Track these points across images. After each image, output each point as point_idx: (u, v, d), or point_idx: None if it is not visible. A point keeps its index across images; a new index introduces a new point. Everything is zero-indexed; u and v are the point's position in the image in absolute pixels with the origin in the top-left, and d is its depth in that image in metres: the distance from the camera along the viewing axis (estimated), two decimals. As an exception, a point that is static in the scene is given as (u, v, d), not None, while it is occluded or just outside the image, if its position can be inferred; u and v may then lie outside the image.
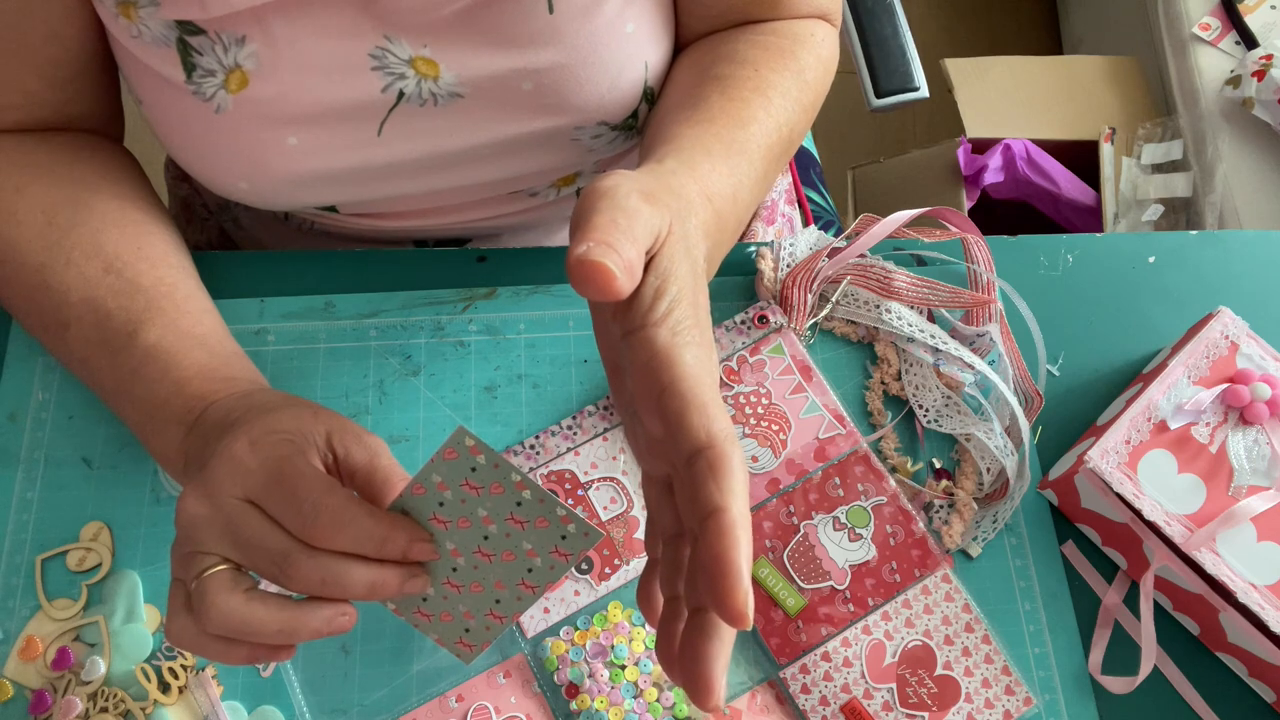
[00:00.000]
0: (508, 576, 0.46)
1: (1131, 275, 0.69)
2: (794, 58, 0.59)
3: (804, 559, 0.59)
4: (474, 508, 0.44)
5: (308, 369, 0.63)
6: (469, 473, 0.43)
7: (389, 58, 0.56)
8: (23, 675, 0.55)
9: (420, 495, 0.44)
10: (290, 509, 0.43)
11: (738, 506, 0.36)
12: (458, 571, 0.46)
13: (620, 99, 0.60)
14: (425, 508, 0.45)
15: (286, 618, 0.43)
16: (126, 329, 0.53)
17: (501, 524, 0.44)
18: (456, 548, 0.46)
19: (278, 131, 0.57)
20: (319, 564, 0.43)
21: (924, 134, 1.84)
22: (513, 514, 0.44)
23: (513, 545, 0.45)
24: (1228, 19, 1.39)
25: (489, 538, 0.45)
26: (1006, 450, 0.60)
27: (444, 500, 0.44)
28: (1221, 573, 0.55)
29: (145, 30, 0.54)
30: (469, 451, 0.43)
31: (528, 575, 0.46)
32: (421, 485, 0.44)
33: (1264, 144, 1.32)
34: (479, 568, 0.46)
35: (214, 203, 0.80)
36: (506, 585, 0.46)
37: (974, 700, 0.56)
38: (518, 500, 0.43)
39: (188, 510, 0.44)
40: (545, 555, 0.45)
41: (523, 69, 0.57)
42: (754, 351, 0.63)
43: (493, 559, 0.46)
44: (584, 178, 0.69)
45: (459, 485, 0.43)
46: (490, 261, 0.67)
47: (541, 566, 0.45)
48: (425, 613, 0.49)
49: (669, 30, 0.62)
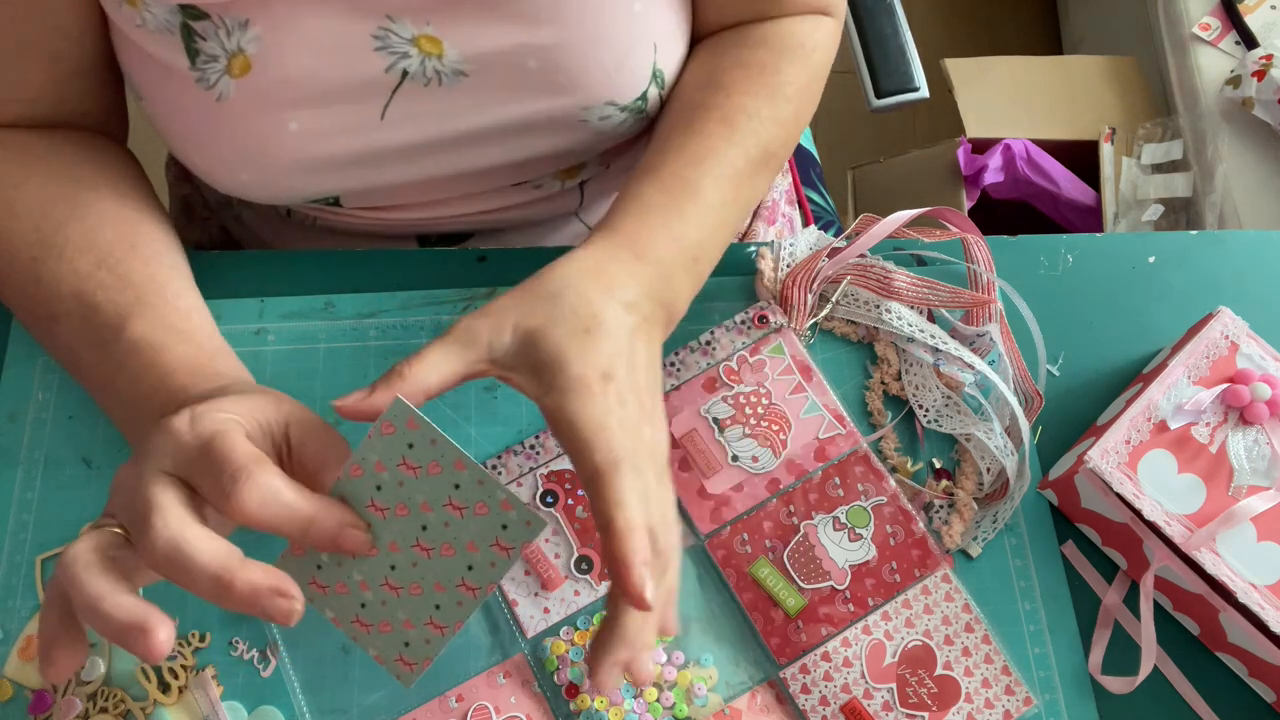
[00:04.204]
0: (447, 576, 0.45)
1: (1131, 275, 0.69)
2: (775, 73, 0.61)
3: (804, 559, 0.59)
4: (411, 492, 0.42)
5: (308, 369, 0.63)
6: (406, 449, 0.42)
7: (392, 37, 0.56)
8: (23, 675, 0.55)
9: (357, 478, 0.42)
10: (210, 479, 0.41)
11: (623, 515, 0.43)
12: (396, 570, 0.45)
13: (628, 79, 0.60)
14: (362, 493, 0.43)
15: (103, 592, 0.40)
16: (114, 322, 0.53)
17: (440, 511, 0.43)
18: (395, 541, 0.44)
19: (279, 116, 0.57)
20: (171, 534, 0.40)
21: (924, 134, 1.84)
22: (451, 499, 0.43)
23: (451, 537, 0.43)
24: (1228, 19, 1.39)
25: (427, 528, 0.43)
26: (1006, 450, 0.60)
27: (381, 484, 0.42)
28: (1221, 573, 0.55)
29: (149, 17, 0.54)
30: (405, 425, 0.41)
31: (468, 574, 0.44)
32: (359, 466, 0.42)
33: (1264, 144, 1.32)
34: (418, 564, 0.44)
35: (215, 201, 0.80)
36: (446, 587, 0.45)
37: (974, 700, 0.56)
38: (455, 482, 0.42)
39: (115, 478, 0.45)
40: (485, 549, 0.43)
41: (527, 45, 0.57)
42: (754, 351, 0.63)
43: (431, 554, 0.44)
44: (588, 169, 0.69)
45: (395, 465, 0.42)
46: (490, 261, 0.67)
47: (481, 563, 0.44)
48: (364, 622, 0.47)
49: (682, 17, 0.63)
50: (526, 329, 0.47)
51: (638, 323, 0.50)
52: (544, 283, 0.49)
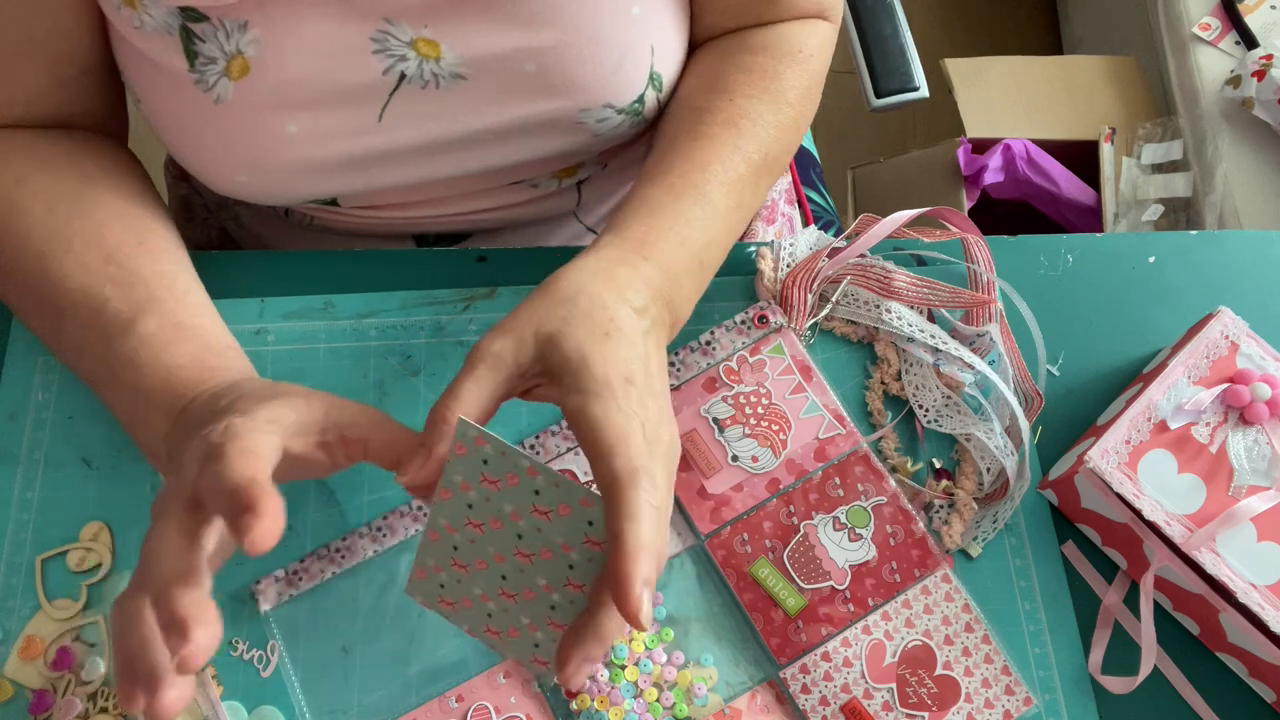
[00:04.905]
0: (553, 577, 0.45)
1: (1131, 275, 0.69)
2: (776, 78, 0.61)
3: (804, 559, 0.59)
4: (499, 504, 0.43)
5: (308, 369, 0.63)
6: (482, 465, 0.42)
7: (390, 40, 0.56)
8: (23, 675, 0.55)
9: (448, 500, 0.44)
10: None
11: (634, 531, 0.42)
12: (507, 579, 0.46)
13: (625, 81, 0.60)
14: (458, 513, 0.44)
15: None
16: (124, 317, 0.53)
17: (528, 518, 0.44)
18: (499, 552, 0.45)
19: (277, 119, 0.57)
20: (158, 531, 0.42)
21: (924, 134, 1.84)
22: (534, 505, 0.43)
23: (546, 541, 0.44)
24: (1228, 19, 1.39)
25: (522, 536, 0.44)
26: (1006, 450, 0.60)
27: (471, 502, 0.43)
28: (1221, 573, 0.55)
29: (148, 19, 0.54)
30: (474, 443, 0.42)
31: (570, 573, 0.45)
32: (447, 490, 0.43)
33: (1264, 144, 1.32)
34: (524, 571, 0.45)
35: (214, 201, 0.80)
36: (555, 588, 0.46)
37: (974, 700, 0.56)
38: (534, 489, 0.43)
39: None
40: (579, 547, 0.44)
41: (525, 48, 0.57)
42: (754, 351, 0.63)
43: (533, 559, 0.45)
44: (586, 168, 0.69)
45: (478, 482, 0.43)
46: (490, 261, 0.67)
47: (580, 560, 0.45)
48: (494, 630, 0.48)
49: (680, 20, 0.63)
50: (547, 333, 0.47)
51: (648, 327, 0.51)
52: (557, 288, 0.50)
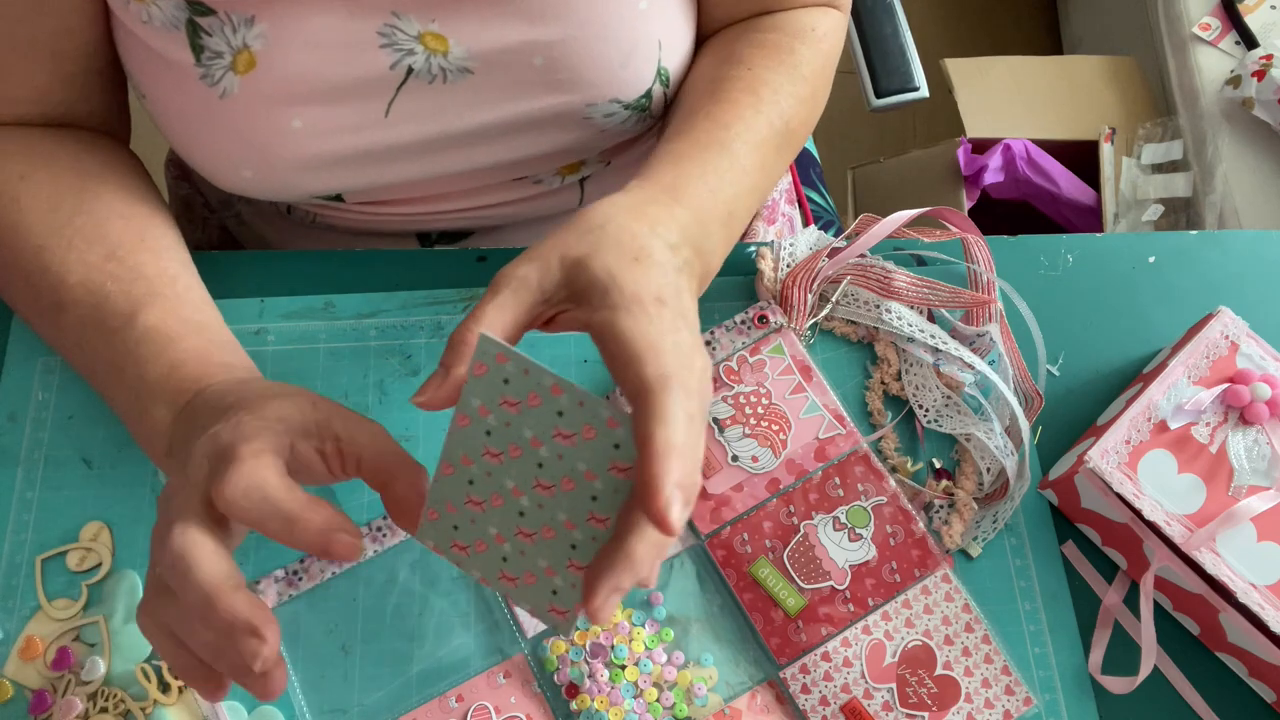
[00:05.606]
0: (575, 511, 0.43)
1: (1131, 275, 0.69)
2: (790, 53, 0.61)
3: (804, 559, 0.59)
4: (519, 429, 0.41)
5: (308, 369, 0.63)
6: (502, 386, 0.40)
7: (397, 34, 0.56)
8: (23, 675, 0.55)
9: (466, 427, 0.41)
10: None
11: (664, 433, 0.40)
12: (525, 516, 0.43)
13: (633, 76, 0.60)
14: (475, 442, 0.42)
15: None
16: (125, 311, 0.53)
17: (550, 444, 0.41)
18: (516, 485, 0.43)
19: (283, 113, 0.57)
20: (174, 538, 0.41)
21: (924, 134, 1.84)
22: (557, 427, 0.41)
23: (569, 469, 0.42)
24: (1228, 19, 1.39)
25: (543, 464, 0.42)
26: (1006, 450, 0.60)
27: (490, 428, 0.41)
28: (1221, 573, 0.55)
29: (155, 13, 0.54)
30: (495, 360, 0.40)
31: (594, 505, 0.43)
32: (464, 415, 0.41)
33: (1264, 144, 1.32)
34: (544, 505, 0.43)
35: (215, 200, 0.80)
36: (577, 524, 0.43)
37: (974, 700, 0.56)
38: (558, 409, 0.40)
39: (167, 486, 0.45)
40: (604, 475, 0.42)
41: (533, 42, 0.57)
42: (754, 351, 0.63)
43: (554, 490, 0.42)
44: (589, 165, 0.69)
45: (498, 405, 0.41)
46: (490, 261, 0.67)
47: (604, 490, 0.42)
48: (509, 576, 0.45)
49: (688, 15, 0.63)
50: (574, 257, 0.46)
51: (681, 264, 0.49)
52: (586, 219, 0.48)
